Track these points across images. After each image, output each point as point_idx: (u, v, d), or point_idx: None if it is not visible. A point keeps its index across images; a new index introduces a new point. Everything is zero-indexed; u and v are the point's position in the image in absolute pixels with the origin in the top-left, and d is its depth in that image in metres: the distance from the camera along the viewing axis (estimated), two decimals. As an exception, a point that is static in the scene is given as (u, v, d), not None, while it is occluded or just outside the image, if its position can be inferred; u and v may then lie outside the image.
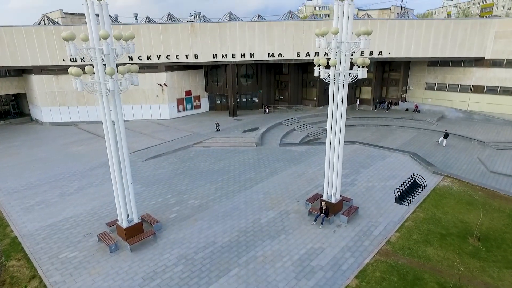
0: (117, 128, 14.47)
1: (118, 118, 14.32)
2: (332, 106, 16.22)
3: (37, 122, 41.53)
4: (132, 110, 39.86)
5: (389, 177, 22.34)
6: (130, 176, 15.20)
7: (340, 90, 15.77)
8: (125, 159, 14.82)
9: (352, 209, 17.42)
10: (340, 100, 15.90)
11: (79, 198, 20.15)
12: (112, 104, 14.08)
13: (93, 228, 16.77)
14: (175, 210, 18.46)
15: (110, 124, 14.06)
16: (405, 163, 24.84)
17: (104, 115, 14.03)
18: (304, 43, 37.43)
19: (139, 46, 36.87)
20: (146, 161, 26.49)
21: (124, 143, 14.61)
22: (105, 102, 13.79)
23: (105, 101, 13.77)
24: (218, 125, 34.39)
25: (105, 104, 13.82)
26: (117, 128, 14.47)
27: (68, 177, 23.58)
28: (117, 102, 14.07)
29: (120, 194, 15.01)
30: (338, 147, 16.61)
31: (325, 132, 37.64)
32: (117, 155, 14.50)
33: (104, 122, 14.17)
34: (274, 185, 21.49)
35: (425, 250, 14.51)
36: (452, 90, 42.33)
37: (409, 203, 18.53)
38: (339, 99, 15.93)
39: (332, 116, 16.32)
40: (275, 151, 28.39)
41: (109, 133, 14.19)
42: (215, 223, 16.98)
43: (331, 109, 16.30)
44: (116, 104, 14.11)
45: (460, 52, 38.52)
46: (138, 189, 21.27)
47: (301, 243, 15.16)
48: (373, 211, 17.98)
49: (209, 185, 21.64)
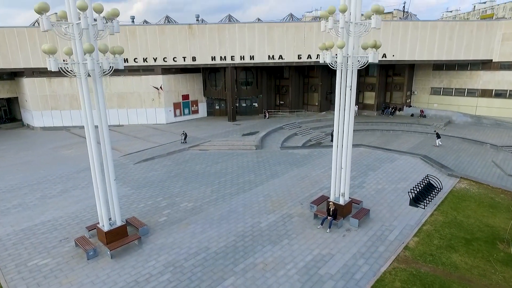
0: (99, 117, 12.83)
1: (100, 105, 12.70)
2: (340, 95, 14.62)
3: (28, 127, 39.96)
4: (127, 114, 38.35)
5: (400, 180, 20.54)
6: (112, 172, 13.46)
7: (349, 77, 14.22)
8: (107, 151, 13.13)
9: (363, 212, 15.57)
10: (349, 87, 14.32)
11: (60, 201, 18.32)
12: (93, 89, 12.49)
13: (72, 232, 14.89)
14: (166, 213, 16.60)
15: (89, 111, 12.40)
16: (416, 166, 23.08)
17: (83, 100, 12.40)
18: (306, 45, 36.25)
19: (135, 48, 35.75)
20: (138, 163, 24.74)
21: (106, 133, 12.94)
22: (84, 86, 12.18)
23: (84, 84, 12.16)
24: (185, 136, 29.57)
25: (84, 88, 12.20)
26: (99, 117, 12.83)
27: (52, 179, 21.79)
28: (98, 87, 12.46)
29: (101, 192, 13.23)
30: (347, 140, 14.91)
31: (328, 137, 36.21)
32: (97, 145, 12.81)
33: (83, 108, 12.53)
34: (275, 187, 19.68)
35: (450, 257, 12.59)
36: (458, 95, 40.89)
37: (426, 205, 16.68)
38: (348, 87, 14.35)
39: (340, 106, 14.69)
40: (276, 154, 26.66)
41: (88, 121, 12.52)
42: (209, 227, 15.11)
43: (338, 98, 14.69)
44: (98, 89, 12.50)
45: (466, 55, 37.27)
46: (126, 191, 19.49)
47: (307, 248, 13.26)
48: (386, 214, 16.12)
49: (204, 188, 19.84)
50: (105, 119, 12.84)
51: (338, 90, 14.63)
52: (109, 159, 13.18)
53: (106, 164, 13.35)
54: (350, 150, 15.28)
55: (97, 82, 12.40)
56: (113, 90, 37.41)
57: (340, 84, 14.57)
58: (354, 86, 14.44)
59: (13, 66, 35.41)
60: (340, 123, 15.09)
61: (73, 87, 36.81)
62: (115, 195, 13.69)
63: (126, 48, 35.57)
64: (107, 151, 13.12)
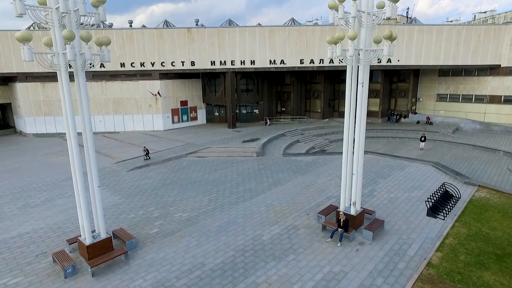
0: (82, 114, 11.41)
1: (83, 101, 11.29)
2: (350, 93, 13.24)
3: (21, 134, 38.55)
4: (123, 121, 36.98)
5: (413, 188, 18.99)
6: (96, 178, 11.96)
7: (361, 72, 12.87)
8: (91, 154, 11.65)
9: (377, 223, 13.97)
10: (361, 84, 12.95)
11: (43, 211, 16.74)
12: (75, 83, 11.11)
13: (51, 246, 13.28)
14: (158, 224, 15.01)
15: (70, 107, 10.97)
16: (429, 173, 21.54)
17: (63, 95, 11.00)
18: (308, 49, 35.16)
19: (132, 52, 34.67)
20: (131, 171, 23.21)
21: (89, 132, 11.49)
22: (64, 79, 10.79)
23: (64, 78, 10.77)
24: (147, 152, 25.52)
25: (64, 82, 10.80)
26: (82, 114, 11.41)
27: (37, 187, 20.24)
28: (81, 80, 11.07)
29: (83, 201, 11.69)
30: (358, 142, 13.46)
31: (332, 144, 34.78)
32: (78, 144, 11.33)
33: (63, 104, 11.12)
34: (278, 196, 18.12)
35: (481, 276, 10.96)
36: (466, 101, 39.60)
37: (445, 216, 15.09)
38: (359, 83, 12.98)
39: (351, 104, 13.28)
40: (278, 161, 25.15)
41: (69, 119, 11.08)
42: (205, 240, 13.50)
43: (349, 96, 13.31)
44: (80, 83, 11.11)
45: (473, 60, 36.13)
46: (116, 200, 17.92)
47: (316, 265, 11.64)
48: (402, 225, 14.52)
49: (201, 197, 18.27)
50: (88, 114, 11.41)
51: (349, 88, 13.26)
52: (92, 162, 11.69)
53: (90, 168, 11.87)
54: (362, 154, 13.83)
55: (80, 76, 11.01)
56: (109, 95, 36.16)
57: (351, 81, 13.21)
58: (366, 83, 13.08)
59: (6, 71, 34.29)
60: (350, 124, 13.67)
61: (68, 92, 35.51)
62: (99, 204, 12.15)
63: (123, 52, 34.56)
64: (90, 152, 11.66)
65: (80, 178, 11.47)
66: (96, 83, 35.65)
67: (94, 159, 11.77)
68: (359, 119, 13.30)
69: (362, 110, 13.18)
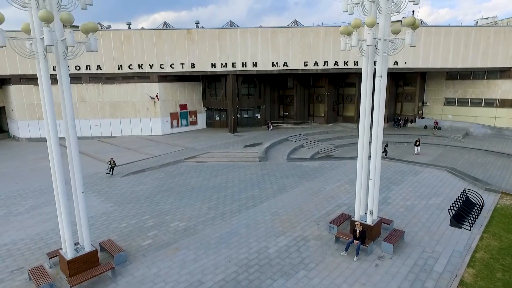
0: (64, 108, 10.05)
1: (65, 93, 9.93)
2: (366, 88, 11.88)
3: (14, 138, 37.17)
4: (120, 125, 35.61)
5: (431, 195, 17.49)
6: (80, 182, 10.52)
7: (379, 65, 11.53)
8: (73, 155, 10.25)
9: (397, 234, 12.46)
10: (379, 78, 11.60)
11: (26, 219, 15.25)
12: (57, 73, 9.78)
13: (30, 260, 11.78)
14: (151, 235, 13.50)
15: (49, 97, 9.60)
16: (445, 179, 20.07)
17: (41, 85, 9.66)
18: (312, 51, 33.98)
19: (130, 54, 33.50)
20: (125, 176, 21.74)
21: (71, 129, 10.11)
22: (43, 69, 9.44)
23: (43, 67, 9.42)
24: (113, 165, 21.85)
25: (43, 73, 9.46)
26: (64, 108, 10.05)
27: (24, 194, 18.78)
28: (62, 70, 9.73)
29: (63, 207, 10.23)
30: (376, 143, 12.05)
31: (338, 149, 33.31)
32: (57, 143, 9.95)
33: (42, 96, 9.77)
34: (284, 204, 16.62)
35: (524, 297, 9.43)
36: (475, 105, 38.24)
37: (471, 226, 13.57)
38: (377, 77, 11.63)
39: (367, 100, 11.92)
40: (283, 167, 23.69)
41: (48, 111, 9.71)
42: (204, 254, 11.99)
43: (364, 93, 11.94)
44: (62, 73, 9.76)
45: (483, 62, 34.90)
46: (107, 208, 16.43)
47: (331, 283, 10.12)
48: (424, 236, 13.01)
49: (200, 204, 16.78)
50: (70, 108, 10.03)
51: (365, 82, 11.91)
52: (75, 163, 10.28)
53: (73, 170, 10.45)
54: (380, 156, 12.40)
55: (61, 65, 9.66)
56: (106, 98, 34.87)
57: (367, 75, 11.86)
58: (385, 77, 11.73)
59: (-1, 73, 33.05)
60: (366, 124, 12.29)
61: (63, 95, 34.25)
62: (84, 212, 10.68)
63: (121, 54, 33.40)
64: (73, 152, 10.26)
65: (61, 180, 10.04)
66: (93, 85, 34.40)
67: (78, 160, 10.36)
68: (377, 117, 11.92)
69: (380, 107, 11.82)
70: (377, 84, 11.66)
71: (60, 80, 9.90)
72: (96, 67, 33.47)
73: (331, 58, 34.11)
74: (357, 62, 34.19)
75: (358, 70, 35.21)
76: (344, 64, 34.27)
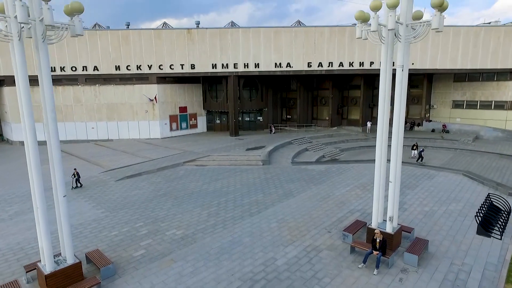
0: (43, 100, 8.83)
1: (45, 84, 8.70)
2: (386, 79, 10.63)
3: (7, 142, 35.90)
4: (117, 128, 34.34)
5: (450, 200, 16.11)
6: (62, 185, 9.24)
7: (400, 53, 10.30)
8: (54, 152, 8.97)
9: (420, 244, 11.06)
10: (400, 67, 10.34)
11: (8, 227, 13.90)
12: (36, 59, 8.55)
13: (6, 273, 10.40)
14: (145, 244, 12.12)
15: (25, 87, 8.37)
16: (462, 183, 18.70)
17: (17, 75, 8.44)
18: (316, 52, 32.85)
19: (128, 55, 32.41)
20: (120, 180, 20.40)
21: (52, 122, 8.85)
22: (18, 51, 8.22)
23: (18, 49, 8.20)
24: (77, 178, 18.68)
25: (18, 55, 8.23)
26: (43, 100, 8.83)
27: (9, 199, 17.45)
28: (41, 55, 8.50)
29: (41, 216, 8.91)
30: (397, 141, 10.76)
31: (344, 153, 32.00)
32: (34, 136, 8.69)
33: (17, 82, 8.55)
34: (291, 209, 15.25)
35: None
36: (484, 108, 36.95)
37: (501, 234, 12.18)
38: (398, 67, 10.37)
39: (386, 93, 10.67)
40: (287, 170, 22.34)
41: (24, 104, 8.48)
42: (203, 266, 10.59)
43: (384, 82, 10.69)
44: (41, 58, 8.53)
45: (493, 63, 33.73)
46: (98, 214, 15.07)
47: (351, 302, 8.71)
48: (450, 246, 11.61)
49: (199, 210, 15.41)
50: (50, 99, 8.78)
51: (384, 73, 10.66)
52: (55, 162, 9.01)
53: (53, 170, 9.16)
54: (401, 155, 11.10)
55: (40, 49, 8.44)
56: (103, 100, 33.67)
57: (386, 65, 10.62)
58: (406, 66, 10.49)
59: (-8, 74, 31.93)
60: (385, 120, 11.04)
61: (58, 97, 33.11)
62: (65, 218, 9.37)
63: (119, 54, 32.30)
64: (53, 147, 8.98)
65: (38, 183, 8.73)
66: (89, 87, 33.24)
67: (59, 159, 9.08)
68: (398, 112, 10.67)
69: (401, 100, 10.59)
70: (398, 75, 10.41)
71: (40, 68, 8.68)
72: (93, 68, 32.36)
73: (336, 58, 32.98)
74: (363, 63, 33.09)
75: (363, 71, 34.12)
76: (349, 65, 33.12)
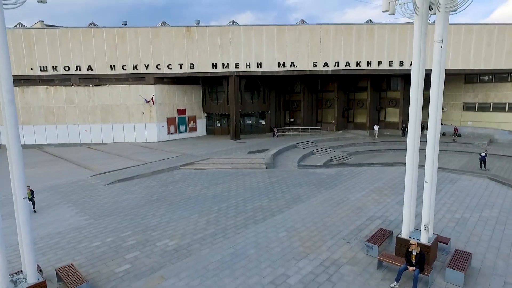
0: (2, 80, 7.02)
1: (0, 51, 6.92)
2: (419, 58, 8.89)
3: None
4: (112, 130, 32.59)
5: (481, 206, 14.20)
6: (21, 185, 7.37)
7: (438, 26, 8.58)
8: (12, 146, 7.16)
9: (463, 258, 9.13)
10: (439, 42, 8.60)
11: (-26, 237, 11.93)
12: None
13: (-43, 294, 8.43)
14: (130, 258, 10.19)
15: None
16: (489, 187, 16.81)
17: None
18: (322, 51, 31.29)
19: (124, 54, 30.87)
20: (110, 184, 18.53)
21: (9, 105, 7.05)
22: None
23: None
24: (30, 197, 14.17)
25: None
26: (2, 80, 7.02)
27: (-17, 205, 15.52)
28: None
29: (-6, 221, 7.02)
30: (434, 132, 8.96)
31: (352, 157, 30.15)
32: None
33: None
34: (302, 216, 13.34)
35: None
36: (498, 110, 35.19)
37: (554, 246, 10.25)
38: (437, 42, 8.63)
39: (419, 74, 8.92)
40: (294, 174, 20.47)
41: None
42: (200, 285, 8.66)
43: (417, 64, 8.95)
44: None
45: (508, 63, 32.10)
46: (80, 222, 13.16)
47: (388, 335, 6.76)
48: (496, 260, 9.68)
49: (196, 217, 13.50)
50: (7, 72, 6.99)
51: (417, 52, 8.92)
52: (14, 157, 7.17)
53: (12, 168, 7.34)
54: (437, 152, 9.29)
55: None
56: (97, 101, 31.99)
57: (420, 42, 8.89)
58: (445, 42, 8.76)
59: (-19, 74, 30.30)
60: (418, 108, 9.27)
61: (50, 98, 31.48)
62: (26, 227, 7.49)
63: (114, 53, 30.76)
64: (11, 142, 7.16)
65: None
66: (83, 87, 31.60)
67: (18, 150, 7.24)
68: (436, 99, 8.93)
69: (440, 81, 8.88)
70: (436, 52, 8.67)
71: None
72: (87, 67, 30.80)
73: (343, 58, 31.39)
74: (371, 62, 31.51)
75: (371, 71, 32.50)
76: (356, 65, 31.51)
